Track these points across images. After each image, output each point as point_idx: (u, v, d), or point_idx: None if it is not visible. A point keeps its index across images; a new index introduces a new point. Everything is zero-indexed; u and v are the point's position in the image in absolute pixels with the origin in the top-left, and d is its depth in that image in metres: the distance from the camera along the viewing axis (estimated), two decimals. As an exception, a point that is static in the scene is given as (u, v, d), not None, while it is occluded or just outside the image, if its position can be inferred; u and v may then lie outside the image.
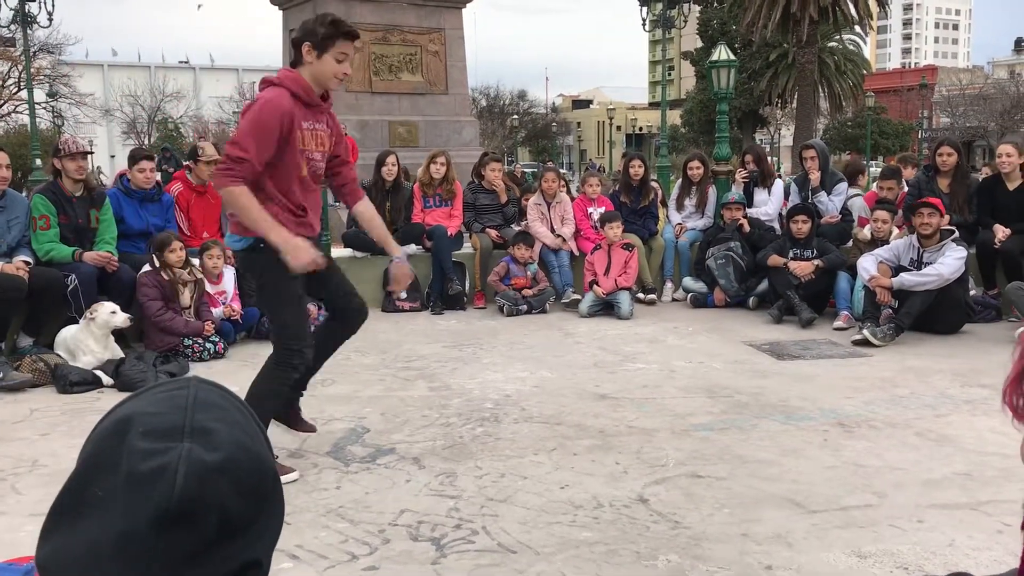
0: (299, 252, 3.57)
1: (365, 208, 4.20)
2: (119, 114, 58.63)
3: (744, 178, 8.77)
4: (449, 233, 8.22)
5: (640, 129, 73.45)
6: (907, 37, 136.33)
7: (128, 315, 5.85)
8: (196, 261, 6.63)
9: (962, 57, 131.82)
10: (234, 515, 0.81)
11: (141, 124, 58.05)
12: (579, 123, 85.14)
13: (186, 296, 6.38)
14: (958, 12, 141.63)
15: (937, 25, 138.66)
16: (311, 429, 4.27)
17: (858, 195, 8.80)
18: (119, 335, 5.98)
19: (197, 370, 5.97)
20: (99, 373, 5.57)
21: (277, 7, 15.29)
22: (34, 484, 3.84)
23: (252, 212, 3.54)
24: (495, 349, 6.52)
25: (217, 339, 6.32)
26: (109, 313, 5.75)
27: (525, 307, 7.88)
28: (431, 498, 3.63)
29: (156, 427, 0.83)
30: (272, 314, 3.99)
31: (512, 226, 8.71)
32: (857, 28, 37.81)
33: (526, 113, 69.30)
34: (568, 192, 10.04)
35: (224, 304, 6.67)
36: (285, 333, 3.80)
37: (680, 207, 8.91)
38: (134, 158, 7.13)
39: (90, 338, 5.71)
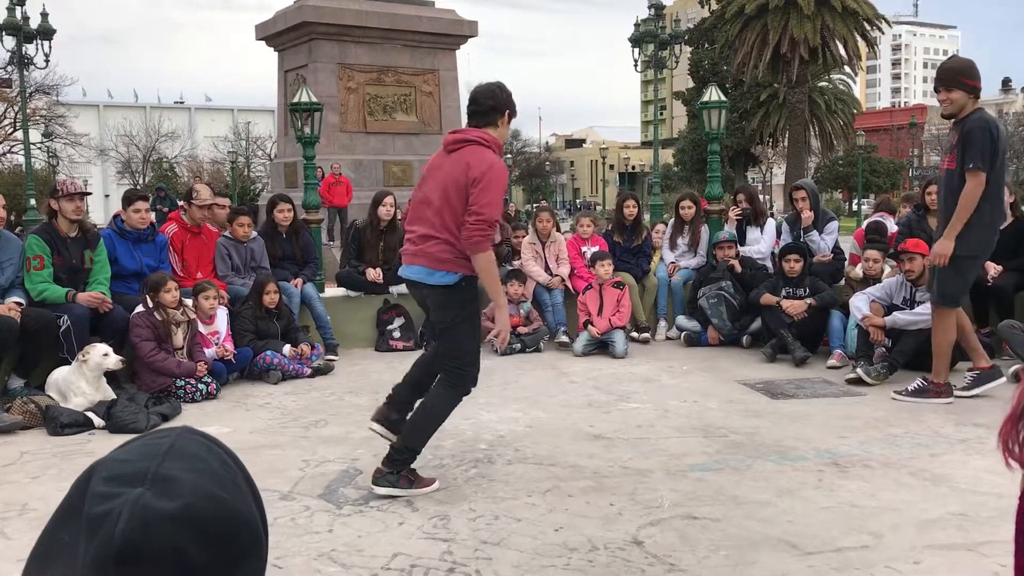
0: (507, 313, 4.51)
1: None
2: (114, 154, 58.88)
3: (737, 216, 8.82)
4: (443, 272, 8.22)
5: (633, 168, 73.96)
6: (896, 77, 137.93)
7: (120, 357, 5.83)
8: (189, 302, 6.62)
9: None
10: (196, 564, 0.80)
11: (136, 164, 58.30)
12: (572, 162, 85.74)
13: (179, 337, 6.36)
14: (946, 52, 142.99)
15: (926, 65, 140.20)
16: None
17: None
18: (111, 376, 5.95)
19: (189, 411, 5.94)
20: (90, 415, 5.53)
21: (272, 48, 15.43)
22: (23, 528, 3.80)
23: (496, 273, 4.29)
24: (489, 389, 6.49)
25: (210, 380, 6.29)
26: (101, 355, 5.72)
27: (519, 346, 7.87)
28: (424, 541, 3.60)
29: (118, 473, 0.82)
30: (462, 342, 4.29)
31: (505, 265, 8.73)
32: (847, 68, 38.28)
33: (520, 152, 69.82)
34: (557, 230, 10.08)
35: (217, 344, 6.65)
36: (468, 360, 4.30)
37: (673, 246, 8.95)
38: (129, 199, 7.15)
39: (82, 379, 5.68)
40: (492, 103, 4.20)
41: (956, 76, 5.57)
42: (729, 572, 3.25)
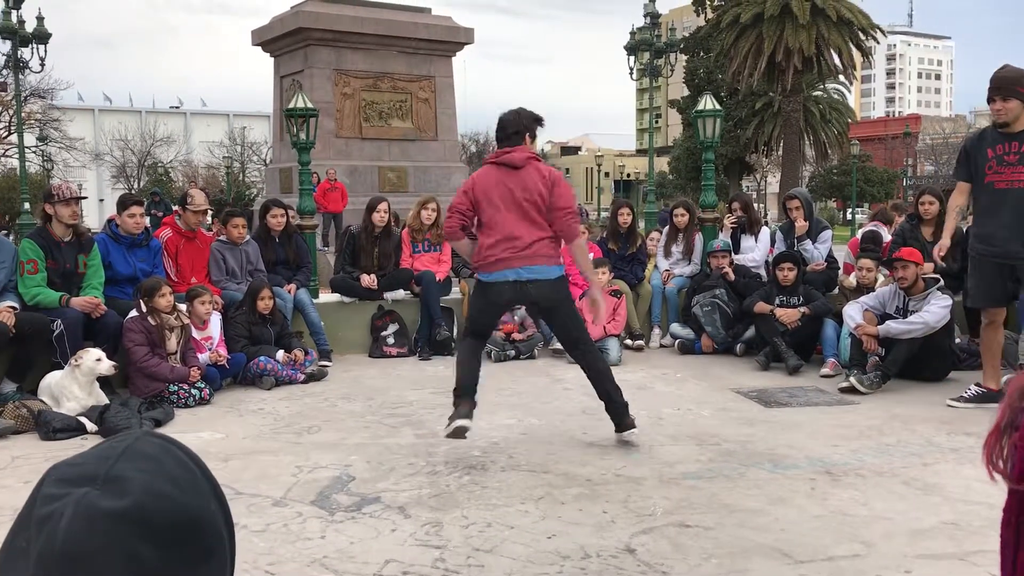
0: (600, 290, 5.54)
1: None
2: (109, 158, 58.81)
3: (732, 224, 8.85)
4: (438, 278, 8.24)
5: (628, 175, 74.09)
6: (891, 86, 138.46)
7: (113, 363, 5.81)
8: (183, 307, 6.62)
9: (944, 106, 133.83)
10: (151, 566, 0.79)
11: (131, 168, 58.23)
12: (567, 169, 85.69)
13: (173, 342, 6.35)
14: (940, 63, 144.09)
15: (920, 75, 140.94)
16: None
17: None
18: (104, 381, 5.94)
19: (182, 416, 5.93)
20: (83, 420, 5.51)
21: (269, 54, 15.44)
22: (14, 533, 3.78)
23: (588, 256, 5.33)
24: (482, 395, 6.46)
25: (203, 385, 6.28)
26: (94, 360, 5.71)
27: (513, 352, 7.87)
28: (416, 548, 3.59)
29: (69, 475, 0.82)
30: (579, 321, 5.23)
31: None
32: (841, 78, 38.42)
33: (515, 159, 69.65)
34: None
35: (210, 350, 6.64)
36: (588, 333, 5.29)
37: (667, 254, 8.96)
38: (123, 204, 7.14)
39: (74, 384, 5.67)
40: (516, 129, 5.03)
41: (1013, 85, 5.50)
42: (721, 580, 3.25)
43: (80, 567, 0.77)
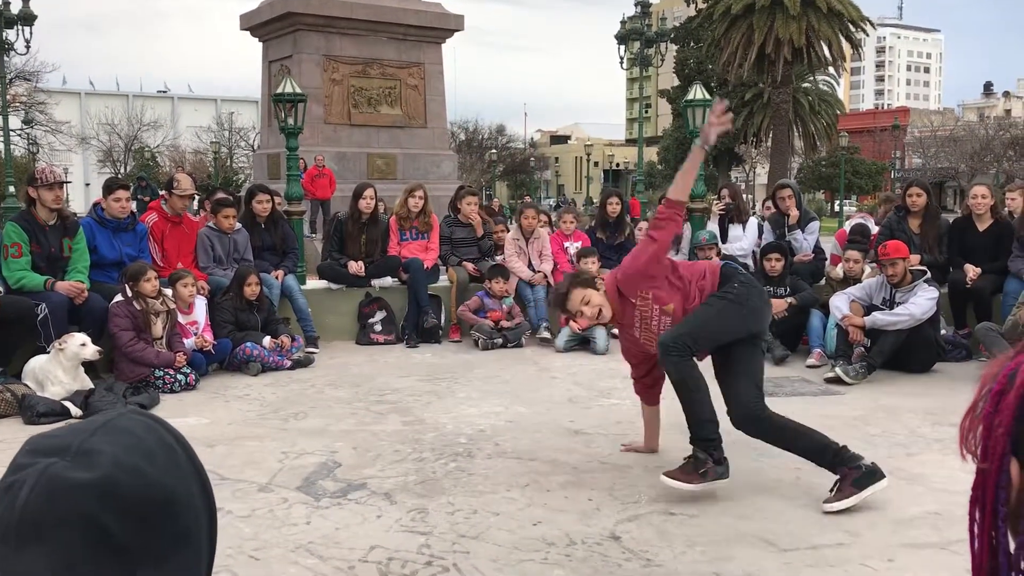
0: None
1: None
2: (95, 142, 58.38)
3: (720, 211, 8.87)
4: (425, 266, 8.22)
5: (617, 165, 74.05)
6: (880, 79, 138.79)
7: (98, 348, 5.78)
8: (168, 291, 6.58)
9: (933, 99, 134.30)
10: (120, 541, 0.78)
11: (118, 153, 57.83)
12: (557, 158, 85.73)
13: (158, 327, 6.32)
14: (929, 56, 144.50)
15: (909, 68, 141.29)
16: None
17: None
18: (89, 366, 5.91)
19: (168, 401, 5.91)
20: (67, 404, 5.49)
21: (257, 39, 15.34)
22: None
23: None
24: (470, 383, 6.50)
25: (188, 370, 6.25)
26: (79, 345, 5.68)
27: (500, 341, 7.87)
28: (402, 534, 3.59)
29: (41, 446, 0.81)
30: None
31: (489, 259, 8.73)
32: (831, 69, 38.44)
33: (504, 147, 69.69)
34: (549, 227, 10.08)
35: (196, 335, 6.61)
36: None
37: (655, 243, 8.96)
38: (109, 188, 7.09)
39: (59, 368, 5.64)
40: None
41: None
42: (705, 568, 3.27)
43: (38, 535, 0.76)
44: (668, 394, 6.10)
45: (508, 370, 6.98)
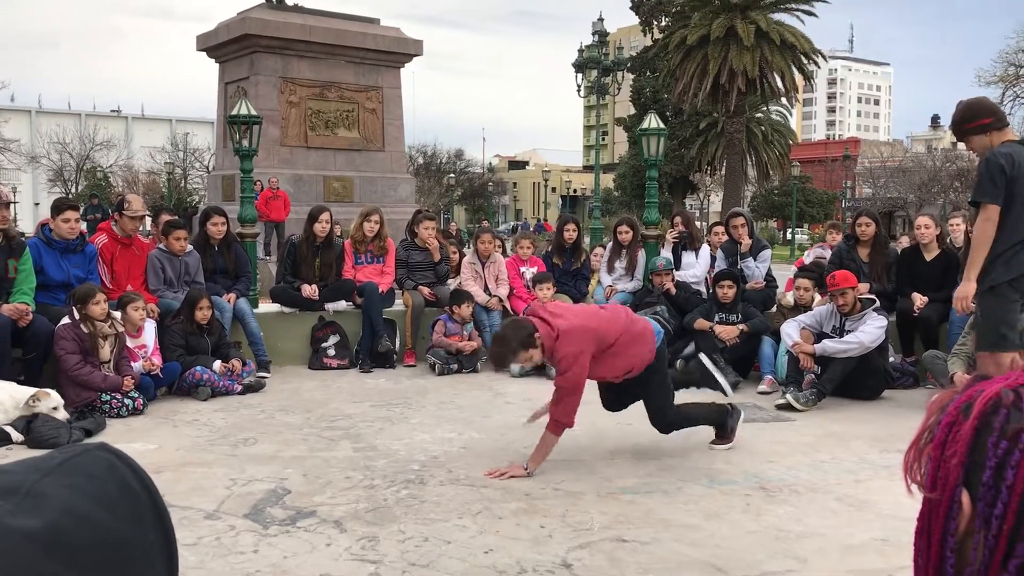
0: None
1: None
2: (46, 161, 57.34)
3: (674, 238, 8.96)
4: (381, 290, 8.18)
5: (574, 191, 74.62)
6: (831, 110, 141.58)
7: (67, 414, 5.59)
8: (117, 314, 6.46)
9: (883, 131, 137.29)
10: None
11: (69, 172, 56.85)
12: (515, 183, 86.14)
13: (106, 350, 6.19)
14: (879, 88, 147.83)
15: (860, 99, 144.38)
16: None
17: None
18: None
19: (114, 426, 5.78)
20: (8, 429, 5.34)
21: (214, 60, 15.24)
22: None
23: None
24: (424, 409, 6.46)
25: (136, 395, 6.13)
26: (51, 408, 5.50)
27: (456, 366, 7.84)
28: (351, 563, 3.54)
29: None
30: None
31: (445, 284, 8.71)
32: (784, 100, 39.19)
33: (463, 172, 69.81)
34: (503, 252, 10.10)
35: (144, 358, 6.50)
36: None
37: (611, 269, 9.03)
38: (58, 208, 6.96)
39: (2, 392, 5.49)
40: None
41: (961, 126, 5.24)
42: (656, 595, 3.26)
43: None
44: (622, 418, 6.14)
45: (463, 395, 6.95)
